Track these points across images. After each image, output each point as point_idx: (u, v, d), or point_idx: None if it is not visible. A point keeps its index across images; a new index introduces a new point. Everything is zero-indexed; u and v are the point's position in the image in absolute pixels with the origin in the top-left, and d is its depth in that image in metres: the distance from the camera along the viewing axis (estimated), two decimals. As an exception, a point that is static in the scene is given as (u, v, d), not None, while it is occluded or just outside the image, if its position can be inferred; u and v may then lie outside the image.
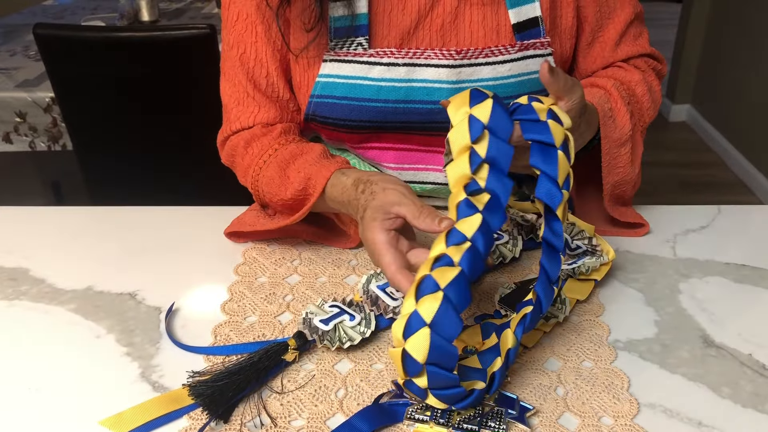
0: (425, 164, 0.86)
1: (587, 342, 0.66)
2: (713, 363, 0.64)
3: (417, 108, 0.80)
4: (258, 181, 0.81)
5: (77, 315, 0.70)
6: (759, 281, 0.75)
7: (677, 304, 0.72)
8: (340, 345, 0.64)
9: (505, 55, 0.80)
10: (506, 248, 0.77)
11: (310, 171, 0.76)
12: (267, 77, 0.82)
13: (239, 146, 0.83)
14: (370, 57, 0.79)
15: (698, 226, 0.86)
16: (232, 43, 0.82)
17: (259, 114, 0.83)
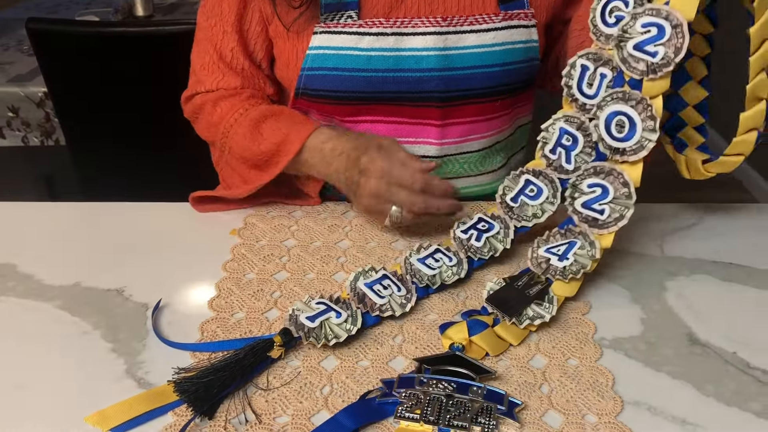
0: (416, 137, 0.89)
1: (573, 340, 0.66)
2: (698, 361, 0.64)
3: (406, 77, 0.84)
4: (228, 136, 0.87)
5: (64, 311, 0.70)
6: (746, 279, 0.76)
7: (663, 302, 0.72)
8: (326, 342, 0.64)
9: (489, 24, 0.84)
10: (497, 239, 0.77)
11: (288, 129, 0.83)
12: (231, 51, 0.88)
13: (207, 104, 0.89)
14: (359, 27, 0.82)
15: (687, 224, 0.86)
16: (205, 15, 0.89)
17: (222, 80, 0.89)
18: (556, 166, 0.77)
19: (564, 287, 0.70)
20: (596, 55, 0.74)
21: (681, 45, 0.66)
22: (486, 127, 0.90)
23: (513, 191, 0.78)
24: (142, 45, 1.51)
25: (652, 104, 0.68)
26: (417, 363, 0.62)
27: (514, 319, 0.66)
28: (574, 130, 0.75)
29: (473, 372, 0.61)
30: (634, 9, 0.70)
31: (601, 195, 0.71)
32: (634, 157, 0.70)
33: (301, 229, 0.84)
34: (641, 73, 0.69)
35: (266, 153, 0.84)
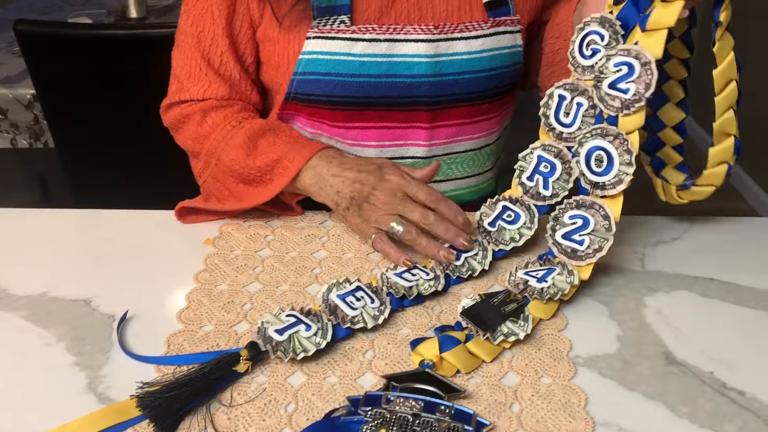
0: (405, 140, 0.89)
1: (547, 357, 0.65)
2: (673, 381, 0.63)
3: (398, 82, 0.85)
4: (219, 146, 0.84)
5: (29, 322, 0.69)
6: (725, 296, 0.74)
7: (641, 319, 0.71)
8: (293, 356, 0.63)
9: (478, 31, 0.85)
10: (476, 261, 0.76)
11: (287, 147, 0.82)
12: (221, 56, 0.86)
13: (195, 114, 0.87)
14: (352, 33, 0.82)
15: (670, 237, 0.85)
16: (191, 20, 0.86)
17: (209, 89, 0.87)
18: (533, 193, 0.78)
19: (540, 308, 0.69)
20: (573, 85, 0.76)
21: (650, 81, 0.68)
22: (473, 129, 0.91)
23: (490, 217, 0.79)
24: (134, 48, 1.50)
25: (628, 139, 0.69)
26: (385, 380, 0.60)
27: (488, 334, 0.65)
28: (552, 158, 0.77)
29: (442, 390, 0.59)
30: (607, 50, 0.73)
31: (581, 226, 0.72)
32: (613, 191, 0.70)
33: (278, 239, 0.83)
34: (617, 109, 0.71)
35: (260, 168, 0.82)
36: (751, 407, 0.60)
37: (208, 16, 0.85)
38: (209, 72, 0.87)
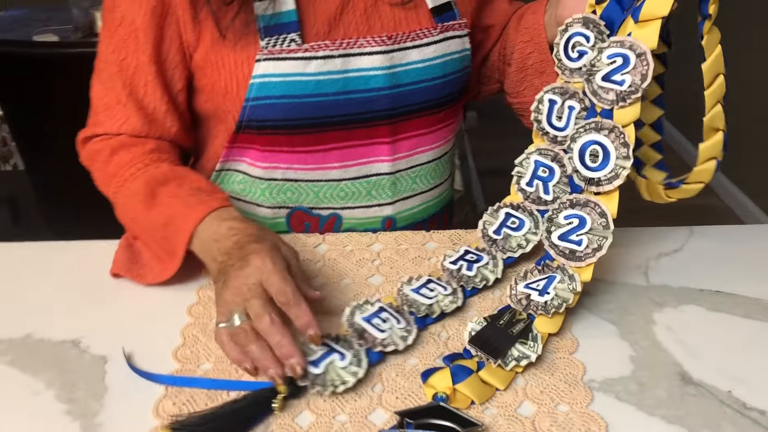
0: (368, 157, 0.86)
1: (561, 383, 0.63)
2: (692, 403, 0.61)
3: (356, 98, 0.81)
4: (119, 193, 0.79)
5: (14, 368, 0.65)
6: (734, 309, 0.73)
7: (652, 337, 0.69)
8: (333, 389, 0.60)
9: (429, 38, 0.83)
10: (488, 270, 0.75)
11: (184, 203, 0.74)
12: (146, 86, 0.81)
13: (103, 152, 0.81)
14: (305, 52, 0.78)
15: (671, 249, 0.83)
16: (112, 47, 0.80)
17: (125, 124, 0.81)
18: (534, 198, 0.76)
19: (547, 323, 0.67)
20: (562, 89, 0.75)
21: (646, 72, 0.67)
22: (433, 138, 0.90)
23: (494, 225, 0.77)
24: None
25: (624, 131, 0.67)
26: (398, 417, 0.58)
27: (500, 361, 0.63)
28: (550, 162, 0.75)
29: (459, 425, 0.57)
30: (599, 43, 0.71)
31: (578, 226, 0.69)
32: (609, 186, 0.68)
33: (271, 266, 0.80)
34: (611, 102, 0.69)
35: (157, 223, 0.74)
36: (774, 427, 0.59)
37: (132, 42, 0.79)
38: (129, 104, 0.80)
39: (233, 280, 0.64)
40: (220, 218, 0.71)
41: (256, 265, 0.64)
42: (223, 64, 0.79)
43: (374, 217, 0.88)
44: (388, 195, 0.87)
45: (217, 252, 0.68)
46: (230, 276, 0.64)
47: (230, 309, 0.63)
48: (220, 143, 0.86)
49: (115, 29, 0.79)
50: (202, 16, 0.78)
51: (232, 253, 0.66)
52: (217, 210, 0.72)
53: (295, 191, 0.86)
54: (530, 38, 0.86)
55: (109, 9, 0.80)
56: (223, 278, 0.65)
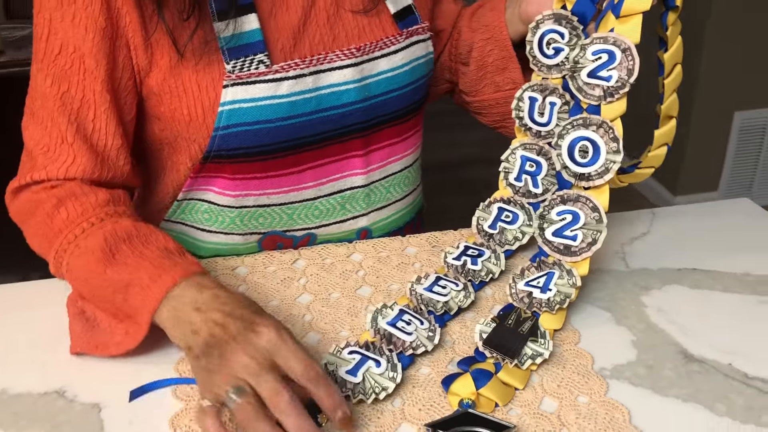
0: (342, 172, 0.83)
1: (575, 375, 0.63)
2: (700, 379, 0.63)
3: (329, 116, 0.78)
4: (68, 251, 0.67)
5: (-4, 428, 0.58)
6: (713, 285, 0.76)
7: (647, 320, 0.71)
8: (376, 397, 0.59)
9: (396, 45, 0.82)
10: (491, 263, 0.75)
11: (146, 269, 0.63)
12: (94, 121, 0.72)
13: (46, 203, 0.70)
14: (275, 73, 0.74)
15: (639, 233, 0.86)
16: (51, 79, 0.71)
17: (72, 166, 0.71)
18: (524, 192, 0.76)
19: (551, 319, 0.68)
20: (542, 85, 0.75)
21: (633, 66, 0.68)
22: (404, 147, 0.88)
23: (489, 220, 0.77)
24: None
25: (613, 126, 0.68)
26: (430, 429, 0.56)
27: (516, 360, 0.63)
28: (536, 156, 0.75)
29: (492, 430, 0.56)
30: (575, 39, 0.72)
31: (572, 222, 0.70)
32: (599, 181, 0.69)
33: (252, 288, 0.76)
34: (598, 98, 0.70)
35: (117, 285, 0.64)
36: (779, 394, 0.62)
37: (77, 70, 0.71)
38: (77, 141, 0.71)
39: (236, 354, 0.55)
40: (200, 285, 0.62)
41: (269, 338, 0.56)
42: (185, 89, 0.73)
43: (349, 230, 0.86)
44: (362, 207, 0.85)
45: (200, 322, 0.58)
46: (229, 349, 0.56)
47: (226, 385, 0.54)
48: (180, 173, 0.80)
49: (53, 59, 0.70)
50: (155, 38, 0.72)
51: (229, 325, 0.57)
52: (195, 275, 0.63)
53: (267, 216, 0.82)
54: (490, 36, 0.86)
55: (42, 38, 0.71)
56: (217, 351, 0.56)
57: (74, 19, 0.69)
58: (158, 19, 0.71)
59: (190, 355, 0.59)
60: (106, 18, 0.69)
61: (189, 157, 0.78)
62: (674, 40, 0.73)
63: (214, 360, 0.56)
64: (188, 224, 0.83)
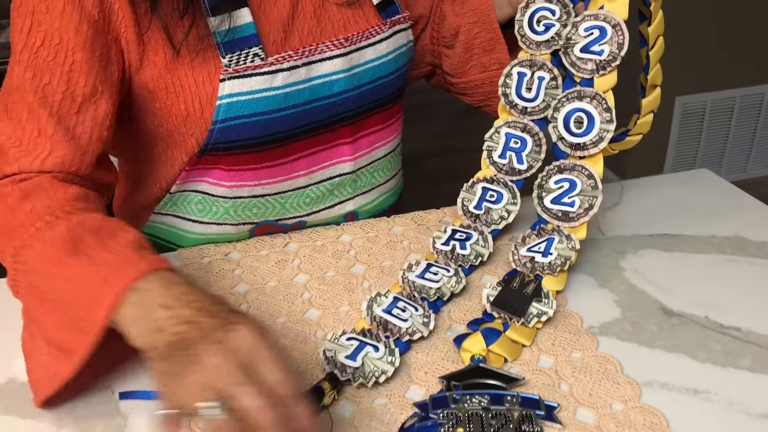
0: (331, 160, 0.85)
1: (567, 333, 0.67)
2: (680, 331, 0.68)
3: (321, 105, 0.80)
4: (27, 245, 0.60)
5: (11, 416, 0.59)
6: (684, 247, 0.81)
7: (627, 282, 0.76)
8: (376, 380, 0.61)
9: (381, 34, 0.84)
10: (480, 246, 0.78)
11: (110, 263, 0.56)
12: (78, 114, 0.70)
13: (10, 196, 0.65)
14: (270, 66, 0.75)
15: (611, 203, 0.91)
16: (32, 71, 0.68)
17: (49, 157, 0.68)
18: (507, 169, 0.79)
19: (554, 281, 0.72)
20: (530, 61, 0.78)
21: (623, 41, 0.72)
22: (388, 132, 0.91)
23: (473, 200, 0.80)
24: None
25: (606, 97, 0.72)
26: (444, 381, 0.60)
27: (523, 319, 0.66)
28: (520, 133, 0.79)
29: (502, 381, 0.60)
30: (565, 17, 0.76)
31: (569, 189, 0.74)
32: (594, 150, 0.73)
33: (248, 271, 0.78)
34: (591, 71, 0.74)
35: (74, 277, 0.57)
36: (752, 340, 0.67)
37: (60, 62, 0.69)
38: (58, 133, 0.68)
39: (208, 356, 0.47)
40: (169, 280, 0.55)
41: (246, 340, 0.49)
42: (182, 85, 0.74)
43: (337, 215, 0.88)
44: (349, 192, 0.87)
45: (166, 320, 0.51)
46: (200, 349, 0.48)
47: (193, 397, 0.46)
48: (174, 167, 0.80)
49: (34, 51, 0.68)
50: (149, 35, 0.72)
51: (201, 322, 0.50)
52: (162, 270, 0.56)
53: (261, 206, 0.83)
54: (477, 19, 0.89)
55: (22, 30, 0.69)
56: (185, 352, 0.49)
57: (63, 11, 0.68)
58: (152, 17, 0.71)
59: (152, 356, 0.51)
60: (99, 11, 0.69)
61: (185, 151, 0.78)
62: (656, 14, 0.77)
63: (181, 362, 0.48)
64: (179, 215, 0.84)
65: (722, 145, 2.77)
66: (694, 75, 2.60)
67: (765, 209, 0.89)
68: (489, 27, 0.88)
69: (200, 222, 0.84)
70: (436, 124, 3.33)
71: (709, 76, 2.61)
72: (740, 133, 2.75)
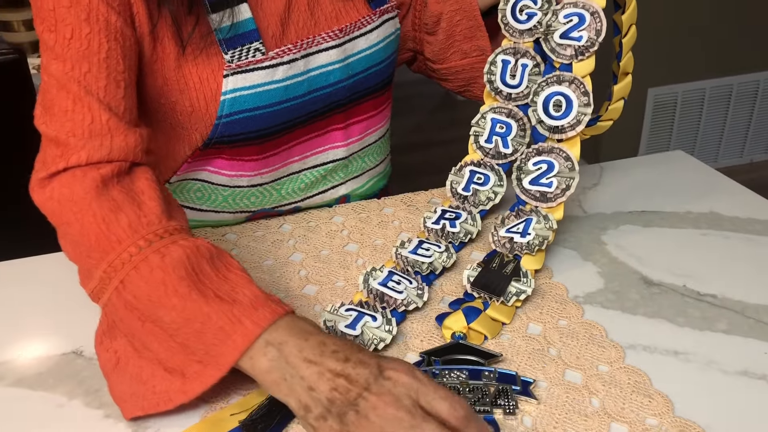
0: (324, 146, 0.88)
1: (553, 302, 0.71)
2: (660, 299, 0.72)
3: (318, 96, 0.83)
4: (128, 263, 0.58)
5: (22, 388, 0.61)
6: (661, 222, 0.85)
7: (608, 255, 0.79)
8: (376, 347, 0.63)
9: (371, 24, 0.87)
10: (469, 224, 0.81)
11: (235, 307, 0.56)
12: (125, 99, 0.69)
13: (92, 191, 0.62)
14: (271, 60, 0.78)
15: (591, 183, 0.95)
16: (71, 64, 0.66)
17: (113, 143, 0.66)
18: (494, 153, 0.83)
19: (532, 260, 0.74)
20: (513, 49, 0.82)
21: (601, 27, 0.75)
22: (379, 118, 0.94)
23: (462, 183, 0.83)
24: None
25: (584, 82, 0.75)
26: (425, 356, 0.62)
27: (502, 298, 0.69)
28: (505, 118, 0.82)
29: (481, 358, 0.62)
30: (546, 5, 0.79)
31: (547, 170, 0.77)
32: (572, 133, 0.76)
33: (245, 251, 0.80)
34: (570, 57, 0.77)
35: (190, 313, 0.56)
36: (727, 306, 0.71)
37: (95, 51, 0.67)
38: (113, 119, 0.67)
39: (378, 409, 0.50)
40: (300, 329, 0.55)
41: (406, 381, 0.51)
42: (186, 82, 0.76)
43: (330, 199, 0.91)
44: (341, 177, 0.90)
45: (317, 378, 0.52)
46: (367, 405, 0.50)
47: None
48: (176, 161, 0.82)
49: (66, 44, 0.66)
50: (158, 30, 0.73)
51: (353, 375, 0.52)
52: (290, 315, 0.56)
53: (258, 195, 0.86)
54: (459, 7, 0.92)
55: (49, 29, 0.67)
56: (352, 410, 0.50)
57: (91, 3, 0.67)
58: (160, 13, 0.72)
59: (307, 414, 0.52)
60: (119, 3, 0.69)
61: (188, 145, 0.80)
62: (630, 3, 0.80)
63: (349, 420, 0.50)
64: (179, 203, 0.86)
65: (693, 135, 2.84)
66: (666, 67, 2.67)
67: (737, 187, 0.93)
68: (470, 15, 0.91)
69: (198, 209, 0.86)
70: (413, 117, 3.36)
71: (681, 68, 2.68)
72: (711, 123, 2.82)
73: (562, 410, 0.58)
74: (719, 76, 2.73)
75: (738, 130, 2.86)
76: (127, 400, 0.57)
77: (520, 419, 0.57)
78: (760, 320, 0.69)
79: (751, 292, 0.72)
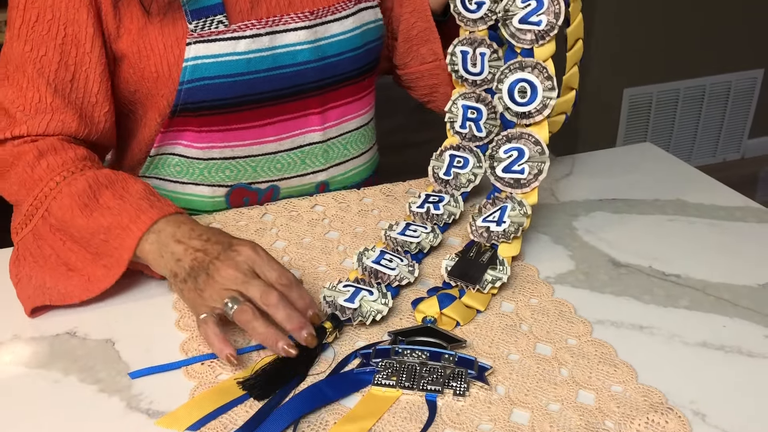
0: (301, 128, 0.92)
1: (526, 283, 0.74)
2: (627, 279, 0.76)
3: (285, 73, 0.87)
4: (48, 196, 0.73)
5: (18, 366, 0.63)
6: (630, 210, 0.89)
7: (579, 239, 0.83)
8: (374, 319, 0.67)
9: (346, 10, 0.90)
10: (452, 206, 0.85)
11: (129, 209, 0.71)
12: (72, 81, 0.79)
13: (28, 155, 0.76)
14: (233, 33, 0.82)
15: (563, 174, 0.99)
16: (30, 45, 0.77)
17: (51, 122, 0.78)
18: (470, 137, 0.86)
19: (509, 248, 0.77)
20: (470, 39, 0.85)
21: (559, 10, 0.77)
22: (359, 105, 0.97)
23: (443, 167, 0.86)
24: None
25: (546, 66, 0.78)
26: (391, 335, 0.66)
27: (478, 286, 0.72)
28: (475, 103, 0.85)
29: (446, 342, 0.65)
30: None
31: (518, 157, 0.80)
32: (539, 117, 0.79)
33: (230, 239, 0.83)
34: (530, 42, 0.79)
35: (97, 228, 0.71)
36: (690, 284, 0.75)
37: (53, 36, 0.77)
38: (56, 100, 0.78)
39: (221, 271, 0.64)
40: (177, 221, 0.70)
41: (248, 254, 0.66)
42: (152, 48, 0.81)
43: (309, 184, 0.94)
44: (320, 162, 0.93)
45: (182, 251, 0.68)
46: (214, 268, 0.65)
47: (221, 297, 0.63)
48: (151, 129, 0.87)
49: (30, 26, 0.77)
50: (123, 5, 0.79)
51: (209, 249, 0.67)
52: (172, 215, 0.71)
53: (233, 168, 0.89)
54: (414, 8, 0.95)
55: (18, 7, 0.77)
56: (204, 273, 0.65)
57: None
58: None
59: (176, 280, 0.67)
60: None
61: (158, 112, 0.85)
62: (575, 16, 0.83)
63: (201, 279, 0.65)
64: (162, 178, 0.91)
65: (668, 134, 2.91)
66: (641, 68, 2.73)
67: (702, 177, 0.98)
68: (423, 16, 0.93)
69: (181, 183, 0.90)
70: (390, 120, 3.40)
71: (655, 69, 2.74)
72: (684, 123, 2.89)
73: (533, 379, 0.61)
74: (693, 77, 2.80)
75: (711, 129, 2.93)
76: (31, 297, 0.70)
77: (493, 388, 0.61)
78: (720, 297, 0.73)
79: (713, 272, 0.77)
